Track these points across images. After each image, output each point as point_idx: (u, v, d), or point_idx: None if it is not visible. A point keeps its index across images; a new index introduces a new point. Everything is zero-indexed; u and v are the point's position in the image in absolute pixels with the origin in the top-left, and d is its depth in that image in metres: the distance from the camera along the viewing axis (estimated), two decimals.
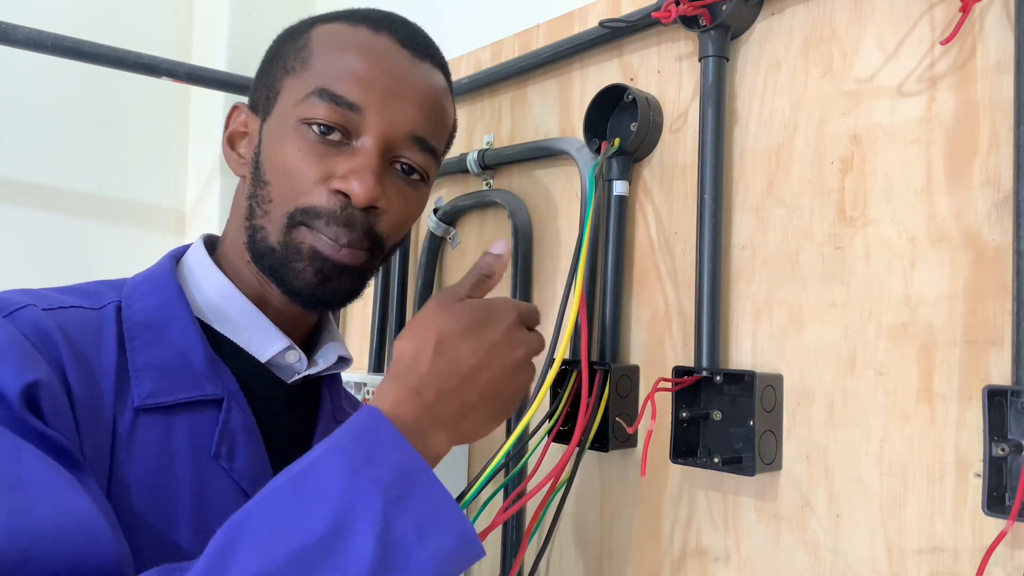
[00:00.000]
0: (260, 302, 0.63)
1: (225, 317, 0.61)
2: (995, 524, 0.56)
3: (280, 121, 0.60)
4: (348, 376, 1.08)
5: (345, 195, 0.58)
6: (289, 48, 0.62)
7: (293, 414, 0.64)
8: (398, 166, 0.62)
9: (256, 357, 0.61)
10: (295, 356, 0.63)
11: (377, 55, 0.60)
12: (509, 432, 0.90)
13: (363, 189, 0.57)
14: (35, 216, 1.33)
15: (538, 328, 0.60)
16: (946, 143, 0.61)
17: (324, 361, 0.66)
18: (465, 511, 0.51)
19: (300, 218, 0.58)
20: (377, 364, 1.12)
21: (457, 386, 0.52)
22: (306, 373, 0.64)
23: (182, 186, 1.51)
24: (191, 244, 0.66)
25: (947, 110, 0.62)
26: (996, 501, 0.54)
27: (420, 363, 0.52)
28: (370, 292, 1.14)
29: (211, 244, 0.66)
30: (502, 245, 0.59)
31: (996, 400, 0.55)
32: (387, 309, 1.12)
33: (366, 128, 0.59)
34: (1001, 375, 0.57)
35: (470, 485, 0.56)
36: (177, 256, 0.65)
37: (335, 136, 0.58)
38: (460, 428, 0.53)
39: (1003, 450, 0.54)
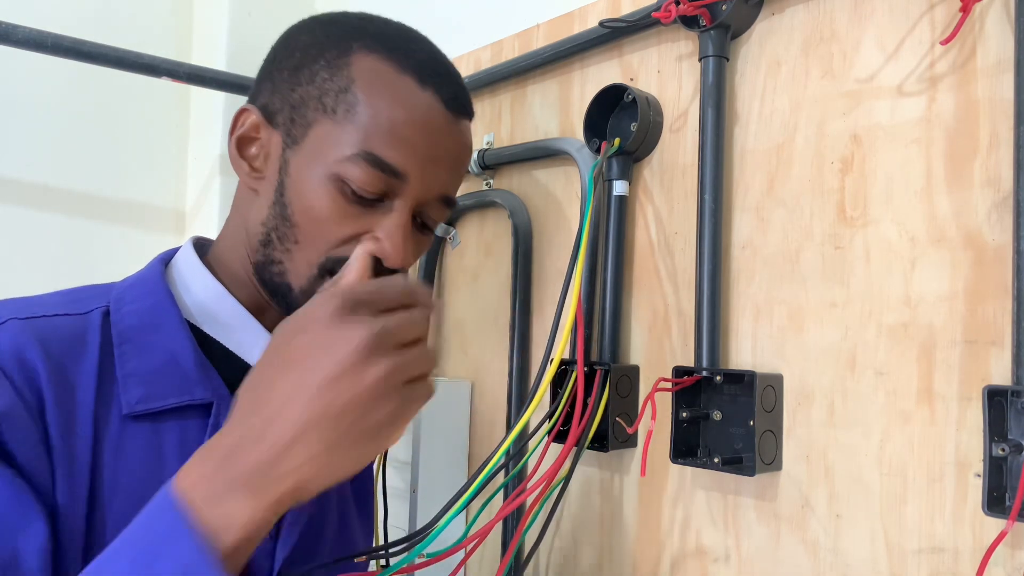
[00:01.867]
0: (255, 307, 0.62)
1: (215, 320, 0.61)
2: (995, 524, 0.56)
3: (313, 160, 0.58)
4: None
5: (376, 256, 0.58)
6: (325, 75, 0.58)
7: None
8: (419, 220, 0.62)
9: (246, 360, 0.61)
10: None
11: (425, 120, 0.58)
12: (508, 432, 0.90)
13: (396, 254, 0.57)
14: (35, 216, 1.33)
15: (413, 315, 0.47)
16: (946, 143, 0.61)
17: None
18: (465, 510, 0.51)
19: (330, 267, 0.58)
20: None
21: (260, 430, 0.43)
22: None
23: (182, 186, 1.51)
24: (180, 247, 0.65)
25: (947, 110, 0.62)
26: (996, 501, 0.54)
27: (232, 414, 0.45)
28: None
29: (201, 246, 0.66)
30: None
31: (996, 400, 0.55)
32: None
33: (403, 192, 0.58)
34: (1001, 375, 0.57)
35: (468, 484, 0.56)
36: (166, 259, 0.64)
37: (372, 197, 0.58)
38: (275, 483, 0.42)
39: (1003, 450, 0.54)
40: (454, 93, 0.60)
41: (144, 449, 0.54)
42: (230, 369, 0.60)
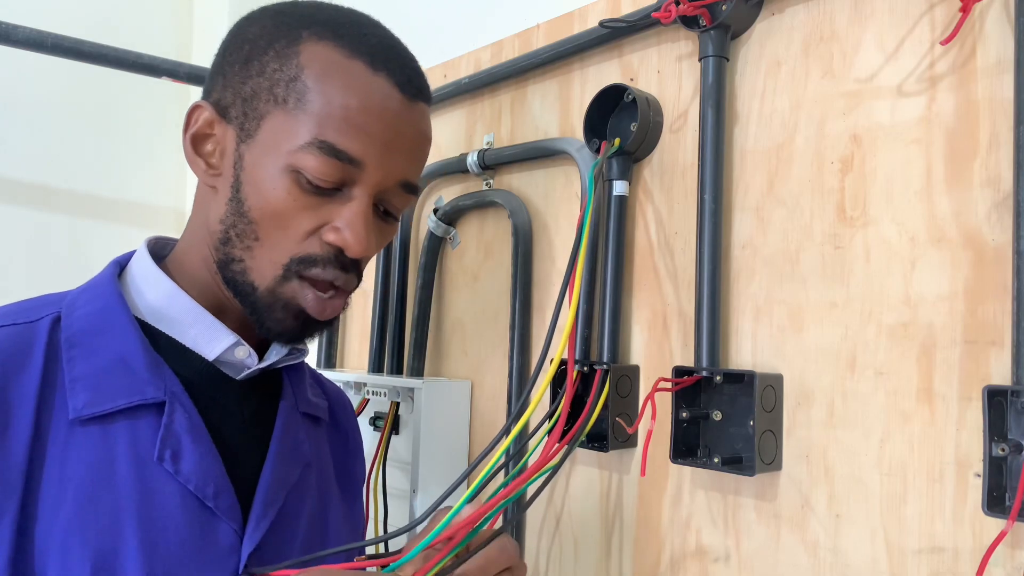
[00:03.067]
0: (217, 306, 0.62)
1: (169, 318, 0.60)
2: (995, 524, 0.56)
3: (267, 153, 0.57)
4: (348, 376, 1.08)
5: (339, 248, 0.58)
6: (274, 66, 0.57)
7: (245, 410, 0.62)
8: (381, 208, 0.61)
9: (203, 356, 0.60)
10: (244, 352, 0.62)
11: (377, 104, 0.57)
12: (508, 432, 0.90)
13: (358, 243, 0.57)
14: (35, 216, 1.33)
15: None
16: (946, 143, 0.61)
17: (276, 353, 0.65)
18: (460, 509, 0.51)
19: (296, 268, 0.58)
20: (377, 364, 1.12)
21: None
22: (257, 368, 0.63)
23: (182, 186, 1.51)
24: (136, 250, 0.64)
25: (947, 110, 0.62)
26: (996, 501, 0.54)
27: None
28: (370, 292, 1.14)
29: (159, 247, 0.65)
30: None
31: (996, 400, 0.55)
32: (387, 309, 1.12)
33: (361, 180, 0.58)
34: (1001, 375, 0.57)
35: (461, 480, 0.56)
36: (122, 263, 0.63)
37: (330, 187, 0.57)
38: None
39: (1003, 450, 0.54)
40: (408, 76, 0.59)
41: (93, 454, 0.53)
42: (185, 366, 0.59)
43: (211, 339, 0.60)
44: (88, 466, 0.52)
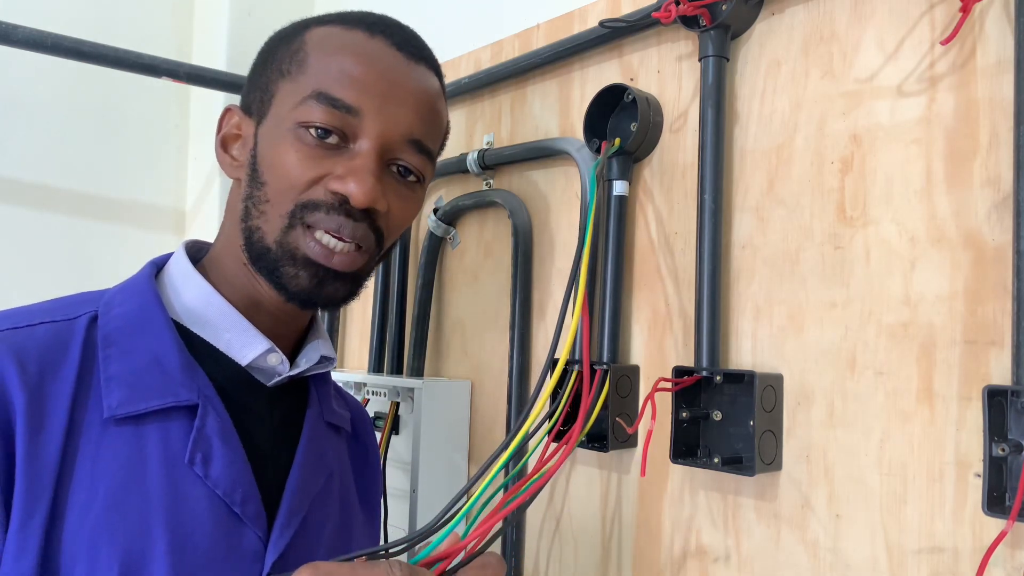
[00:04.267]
0: (252, 304, 0.62)
1: (204, 320, 0.60)
2: (995, 524, 0.56)
3: (276, 124, 0.60)
4: (348, 376, 1.08)
5: (344, 196, 0.58)
6: (283, 51, 0.62)
7: (275, 416, 0.63)
8: (395, 168, 0.61)
9: (236, 360, 0.60)
10: (277, 359, 0.62)
11: (373, 59, 0.60)
12: (508, 432, 0.90)
13: (361, 191, 0.57)
14: (36, 216, 1.33)
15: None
16: (946, 143, 0.61)
17: (306, 361, 0.65)
18: (466, 515, 0.51)
19: (299, 214, 0.58)
20: (377, 364, 1.12)
21: None
22: (287, 375, 0.63)
23: (182, 186, 1.51)
24: (174, 252, 0.65)
25: (947, 110, 0.62)
26: (996, 501, 0.54)
27: None
28: (370, 292, 1.14)
29: (195, 250, 0.66)
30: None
31: (996, 400, 0.55)
32: (387, 309, 1.12)
33: (363, 131, 0.58)
34: (1001, 375, 0.57)
35: (468, 488, 0.56)
36: (159, 264, 0.64)
37: (333, 139, 0.58)
38: None
39: (1003, 450, 0.54)
40: (405, 38, 0.62)
41: (125, 454, 0.53)
42: (218, 370, 0.59)
43: (245, 344, 0.61)
44: (119, 466, 0.53)
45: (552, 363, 0.64)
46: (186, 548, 0.53)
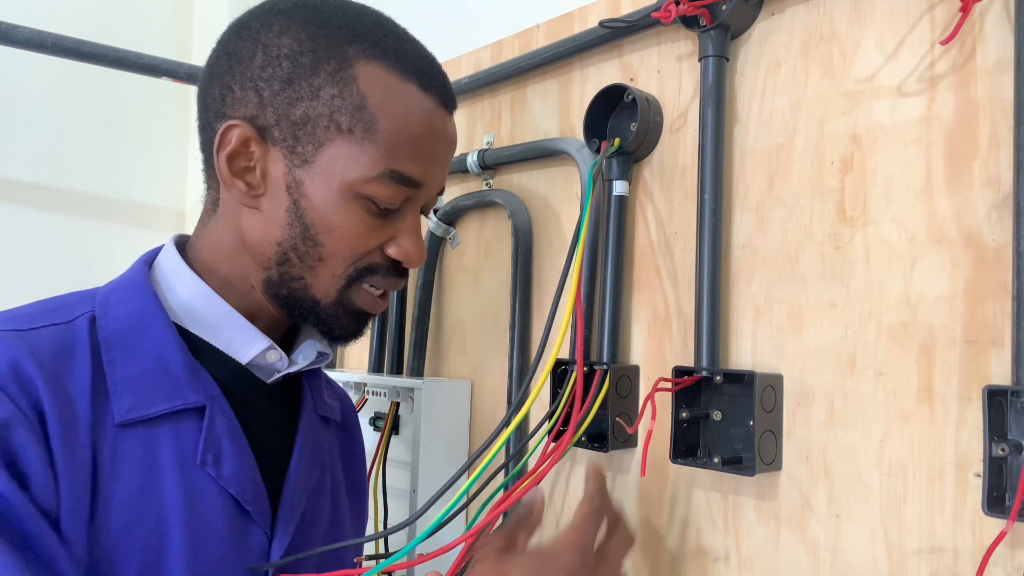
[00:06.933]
0: (246, 307, 0.62)
1: (202, 320, 0.60)
2: (995, 524, 0.56)
3: (332, 180, 0.57)
4: (348, 376, 1.08)
5: (399, 260, 0.62)
6: (332, 91, 0.57)
7: (273, 413, 0.64)
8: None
9: (236, 359, 0.61)
10: (276, 356, 0.63)
11: (434, 128, 0.61)
12: (508, 423, 0.90)
13: (418, 255, 0.62)
14: (35, 216, 1.33)
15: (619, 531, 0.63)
16: (946, 143, 0.61)
17: (304, 359, 0.66)
18: (465, 511, 0.51)
19: (356, 276, 0.61)
20: (377, 364, 1.12)
21: None
22: (286, 372, 0.64)
23: (182, 186, 1.51)
24: (162, 247, 0.64)
25: (947, 110, 0.62)
26: (996, 501, 0.54)
27: None
28: None
29: (182, 244, 0.65)
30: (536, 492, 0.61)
31: (996, 400, 0.55)
32: (387, 309, 1.12)
33: (417, 197, 0.62)
34: (1001, 375, 0.57)
35: (456, 478, 0.56)
36: (149, 260, 0.63)
37: (395, 209, 0.61)
38: None
39: (1003, 450, 0.54)
40: (448, 91, 0.63)
41: (138, 456, 0.53)
42: (220, 369, 0.59)
43: (244, 343, 0.61)
44: (135, 467, 0.53)
45: (536, 363, 0.65)
46: (201, 547, 0.54)
